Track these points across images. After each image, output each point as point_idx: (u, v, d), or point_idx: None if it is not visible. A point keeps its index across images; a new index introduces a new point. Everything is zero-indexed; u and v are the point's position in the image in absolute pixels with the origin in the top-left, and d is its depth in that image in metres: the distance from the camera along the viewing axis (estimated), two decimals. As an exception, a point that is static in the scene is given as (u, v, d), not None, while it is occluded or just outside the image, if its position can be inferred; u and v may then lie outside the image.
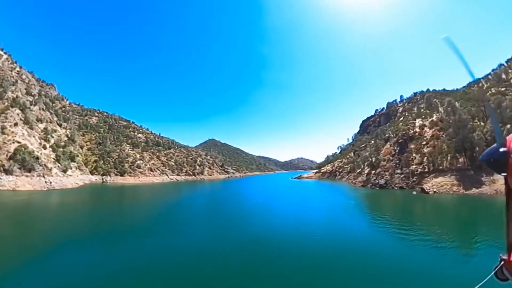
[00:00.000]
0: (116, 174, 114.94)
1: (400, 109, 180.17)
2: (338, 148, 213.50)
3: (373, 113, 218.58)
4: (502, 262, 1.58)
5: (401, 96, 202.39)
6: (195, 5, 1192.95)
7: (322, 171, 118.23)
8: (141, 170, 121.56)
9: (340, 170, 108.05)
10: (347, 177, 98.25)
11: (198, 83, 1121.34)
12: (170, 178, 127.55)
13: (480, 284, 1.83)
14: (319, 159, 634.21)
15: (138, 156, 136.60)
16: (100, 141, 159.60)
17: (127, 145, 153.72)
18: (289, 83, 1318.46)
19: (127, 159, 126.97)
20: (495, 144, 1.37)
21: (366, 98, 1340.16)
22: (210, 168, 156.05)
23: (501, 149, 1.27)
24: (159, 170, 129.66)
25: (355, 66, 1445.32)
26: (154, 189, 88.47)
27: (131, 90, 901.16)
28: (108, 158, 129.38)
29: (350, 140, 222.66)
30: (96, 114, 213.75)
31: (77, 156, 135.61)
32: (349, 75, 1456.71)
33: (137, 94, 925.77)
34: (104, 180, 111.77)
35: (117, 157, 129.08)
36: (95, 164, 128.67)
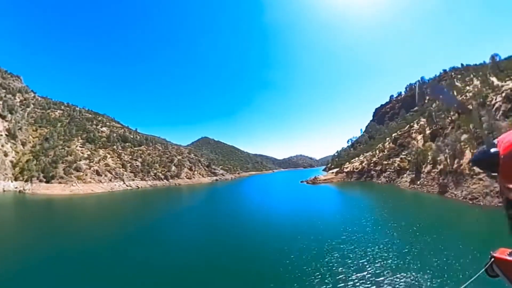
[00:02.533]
0: (41, 180, 79.66)
1: (429, 90, 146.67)
2: (348, 141, 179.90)
3: (387, 100, 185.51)
4: (492, 259, 1.60)
5: (422, 77, 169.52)
6: (193, 5, 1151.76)
7: (345, 170, 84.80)
8: (81, 174, 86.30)
9: (379, 168, 73.07)
10: (401, 179, 62.34)
11: (196, 84, 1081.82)
12: (127, 185, 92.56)
13: (471, 280, 1.87)
14: (318, 155, 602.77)
15: (85, 154, 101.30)
16: (48, 136, 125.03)
17: (80, 141, 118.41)
18: (285, 80, 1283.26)
19: (65, 159, 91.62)
20: (485, 145, 1.40)
21: (365, 94, 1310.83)
22: (190, 169, 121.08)
23: (492, 150, 1.31)
24: (112, 173, 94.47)
25: (353, 61, 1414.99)
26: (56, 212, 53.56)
27: (128, 94, 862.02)
28: (44, 158, 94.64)
29: (357, 135, 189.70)
30: (62, 108, 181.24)
31: (5, 155, 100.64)
32: (347, 70, 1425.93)
33: (134, 98, 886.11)
34: (23, 189, 76.64)
35: (53, 155, 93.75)
36: (27, 165, 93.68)
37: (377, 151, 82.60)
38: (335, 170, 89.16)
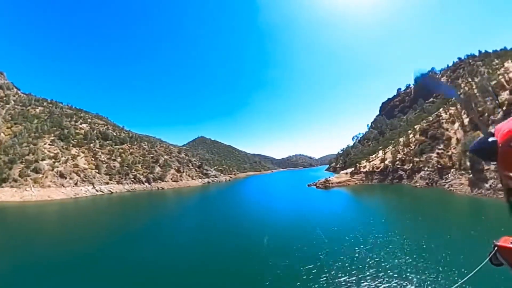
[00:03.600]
0: (-15, 185, 64.45)
1: (444, 79, 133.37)
2: (353, 138, 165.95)
3: (394, 94, 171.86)
4: (496, 248, 1.61)
5: (432, 68, 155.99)
6: (190, 5, 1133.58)
7: (362, 169, 69.52)
8: (40, 176, 71.01)
9: (408, 166, 59.13)
10: (450, 181, 46.04)
11: (194, 85, 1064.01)
12: (97, 189, 77.31)
13: (476, 269, 1.88)
14: (317, 155, 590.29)
15: (52, 153, 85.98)
16: (17, 134, 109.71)
17: (52, 138, 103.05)
18: (283, 79, 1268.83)
19: (25, 158, 76.31)
20: (483, 134, 1.42)
21: (365, 92, 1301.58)
22: (178, 170, 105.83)
23: (490, 139, 1.32)
24: (80, 175, 79.20)
25: (352, 60, 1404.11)
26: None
27: (126, 94, 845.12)
28: (3, 156, 79.44)
29: (360, 132, 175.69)
30: (45, 104, 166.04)
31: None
32: (346, 69, 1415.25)
33: (132, 98, 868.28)
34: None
35: (12, 153, 78.40)
36: (-20, 167, 78.36)
37: (401, 146, 68.05)
38: (349, 170, 73.86)
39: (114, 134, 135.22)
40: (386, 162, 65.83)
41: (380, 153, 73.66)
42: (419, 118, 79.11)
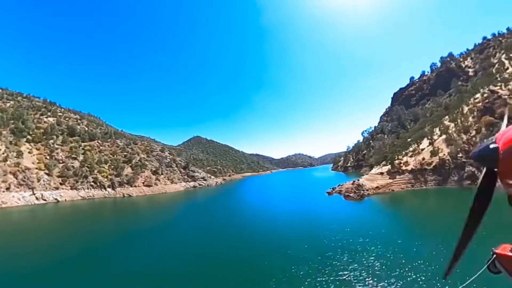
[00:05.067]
0: None
1: (469, 62, 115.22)
2: (362, 133, 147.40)
3: (408, 83, 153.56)
4: (494, 256, 1.59)
5: (450, 53, 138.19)
6: (187, 5, 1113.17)
7: (405, 168, 49.40)
8: None
9: None
10: None
11: (192, 85, 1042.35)
12: (37, 197, 57.92)
13: (474, 277, 1.86)
14: (317, 154, 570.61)
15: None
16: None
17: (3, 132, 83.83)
18: (282, 79, 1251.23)
19: None
20: (485, 140, 1.38)
21: (365, 90, 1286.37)
22: (156, 172, 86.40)
23: (492, 145, 1.28)
24: (18, 177, 59.82)
25: (352, 59, 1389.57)
26: None
27: (124, 95, 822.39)
28: None
29: (371, 126, 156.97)
30: (19, 99, 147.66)
31: None
32: (345, 68, 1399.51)
33: (130, 99, 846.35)
34: None
35: None
36: None
37: (455, 133, 48.85)
38: (384, 170, 53.33)
39: (87, 129, 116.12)
40: (442, 155, 46.72)
41: (425, 144, 54.37)
42: (455, 104, 60.96)
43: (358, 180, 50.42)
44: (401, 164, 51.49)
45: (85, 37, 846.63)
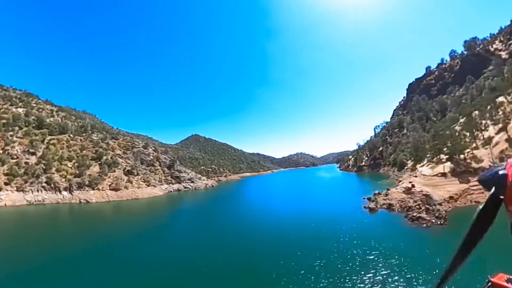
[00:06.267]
0: None
1: (498, 46, 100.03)
2: (375, 128, 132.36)
3: (424, 72, 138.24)
4: (490, 283, 1.55)
5: (474, 37, 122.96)
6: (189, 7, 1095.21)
7: (478, 164, 32.30)
8: None
9: None
10: None
11: (192, 85, 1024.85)
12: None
13: None
14: (319, 153, 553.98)
15: None
16: None
17: None
18: (285, 79, 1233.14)
19: None
20: (495, 165, 1.37)
21: (366, 89, 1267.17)
22: (129, 172, 71.32)
23: (501, 172, 1.24)
24: None
25: (353, 57, 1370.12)
26: None
27: (126, 96, 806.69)
28: None
29: (384, 121, 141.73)
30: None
31: None
32: (346, 67, 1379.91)
33: (132, 101, 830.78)
34: None
35: None
36: None
37: None
38: (445, 168, 37.34)
39: (60, 121, 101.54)
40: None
41: (491, 131, 38.61)
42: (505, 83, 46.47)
43: (413, 185, 33.53)
44: (467, 160, 36.01)
45: (88, 40, 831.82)
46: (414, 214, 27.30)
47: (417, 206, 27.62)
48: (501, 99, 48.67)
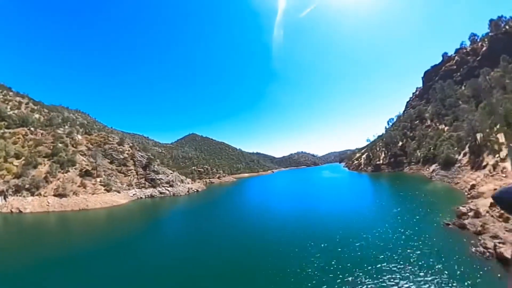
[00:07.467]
0: None
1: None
2: (388, 121, 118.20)
3: (440, 60, 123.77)
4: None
5: (501, 16, 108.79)
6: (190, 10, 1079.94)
7: None
8: None
9: None
10: None
11: (192, 85, 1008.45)
12: None
13: None
14: (320, 153, 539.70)
15: None
16: None
17: None
18: (284, 75, 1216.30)
19: None
20: (509, 184, 1.31)
21: (367, 89, 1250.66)
22: (86, 173, 56.73)
23: None
24: None
25: (353, 58, 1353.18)
26: None
27: (126, 97, 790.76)
28: None
29: (398, 113, 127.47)
30: None
31: None
32: (346, 67, 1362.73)
33: (132, 101, 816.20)
34: None
35: None
36: None
37: None
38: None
39: (25, 113, 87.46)
40: None
41: None
42: None
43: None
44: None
45: (85, 39, 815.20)
46: None
47: None
48: None
